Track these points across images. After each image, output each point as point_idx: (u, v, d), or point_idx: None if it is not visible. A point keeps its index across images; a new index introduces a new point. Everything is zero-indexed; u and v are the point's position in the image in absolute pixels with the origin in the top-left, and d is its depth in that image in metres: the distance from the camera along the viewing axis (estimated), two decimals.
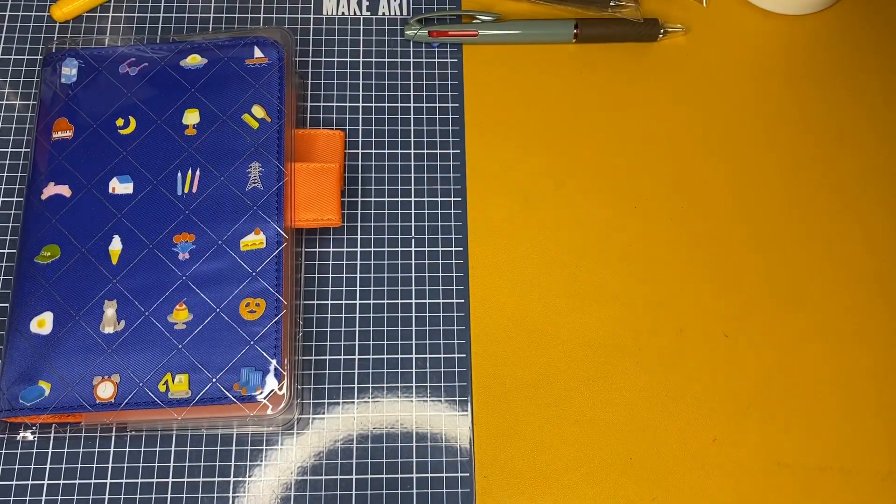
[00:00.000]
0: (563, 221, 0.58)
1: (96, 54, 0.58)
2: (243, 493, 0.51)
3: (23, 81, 0.60)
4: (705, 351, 0.55)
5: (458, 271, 0.56)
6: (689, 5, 0.64)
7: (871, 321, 0.56)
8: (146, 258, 0.52)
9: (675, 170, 0.59)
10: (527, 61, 0.62)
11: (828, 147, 0.61)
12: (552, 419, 0.53)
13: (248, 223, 0.53)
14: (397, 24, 0.63)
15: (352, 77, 0.61)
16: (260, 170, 0.54)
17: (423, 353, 0.54)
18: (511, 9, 0.63)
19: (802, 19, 0.64)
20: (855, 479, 0.52)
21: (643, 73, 0.62)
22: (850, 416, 0.54)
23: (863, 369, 0.55)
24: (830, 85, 0.62)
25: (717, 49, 0.63)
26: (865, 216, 0.59)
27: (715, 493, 0.52)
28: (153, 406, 0.50)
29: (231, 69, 0.57)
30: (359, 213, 0.57)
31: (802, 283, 0.57)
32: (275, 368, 0.50)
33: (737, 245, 0.58)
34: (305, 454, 0.52)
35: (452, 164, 0.59)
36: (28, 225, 0.53)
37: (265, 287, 0.52)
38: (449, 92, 0.61)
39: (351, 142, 0.59)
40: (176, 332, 0.51)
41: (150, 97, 0.56)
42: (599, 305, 0.56)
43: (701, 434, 0.53)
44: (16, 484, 0.50)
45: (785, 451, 0.53)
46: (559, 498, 0.51)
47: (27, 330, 0.51)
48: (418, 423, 0.53)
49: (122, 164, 0.54)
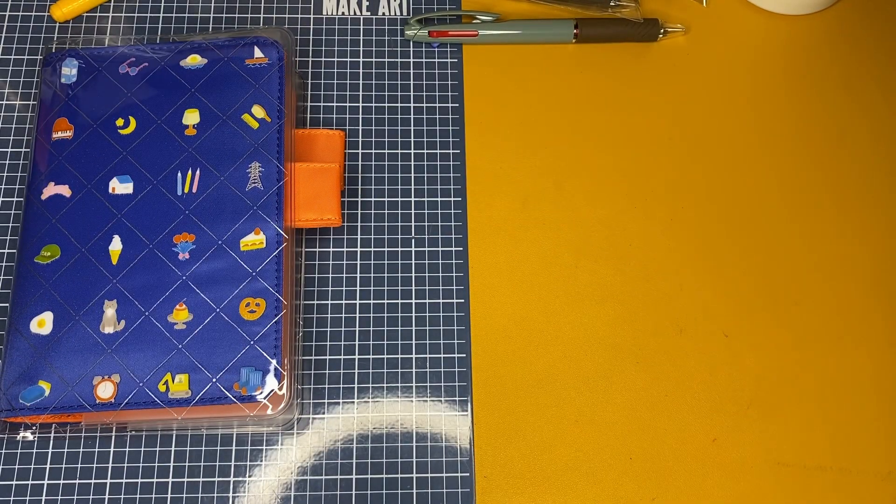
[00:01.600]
0: (563, 221, 0.58)
1: (96, 54, 0.58)
2: (243, 493, 0.51)
3: (23, 81, 0.60)
4: (705, 351, 0.55)
5: (458, 271, 0.56)
6: (689, 5, 0.64)
7: (870, 321, 0.56)
8: (146, 258, 0.52)
9: (675, 170, 0.59)
10: (527, 61, 0.62)
11: (827, 146, 0.61)
12: (552, 419, 0.53)
13: (248, 223, 0.53)
14: (397, 24, 0.63)
15: (352, 77, 0.61)
16: (260, 170, 0.54)
17: (423, 353, 0.54)
18: (511, 9, 0.63)
19: (802, 19, 0.64)
20: (855, 479, 0.52)
21: (643, 73, 0.62)
22: (850, 416, 0.54)
23: (862, 369, 0.55)
24: (830, 85, 0.62)
25: (717, 49, 0.63)
26: (865, 216, 0.59)
27: (715, 492, 0.52)
28: (153, 406, 0.50)
29: (231, 69, 0.57)
30: (359, 213, 0.57)
31: (802, 283, 0.57)
32: (275, 368, 0.50)
33: (737, 245, 0.58)
34: (305, 454, 0.52)
35: (452, 164, 0.59)
36: (28, 225, 0.53)
37: (265, 287, 0.52)
38: (449, 92, 0.61)
39: (351, 142, 0.59)
40: (176, 332, 0.51)
41: (150, 97, 0.56)
42: (599, 305, 0.56)
43: (701, 434, 0.53)
44: (16, 484, 0.50)
45: (785, 451, 0.53)
46: (559, 498, 0.51)
47: (27, 330, 0.51)
48: (418, 423, 0.53)
49: (122, 164, 0.54)
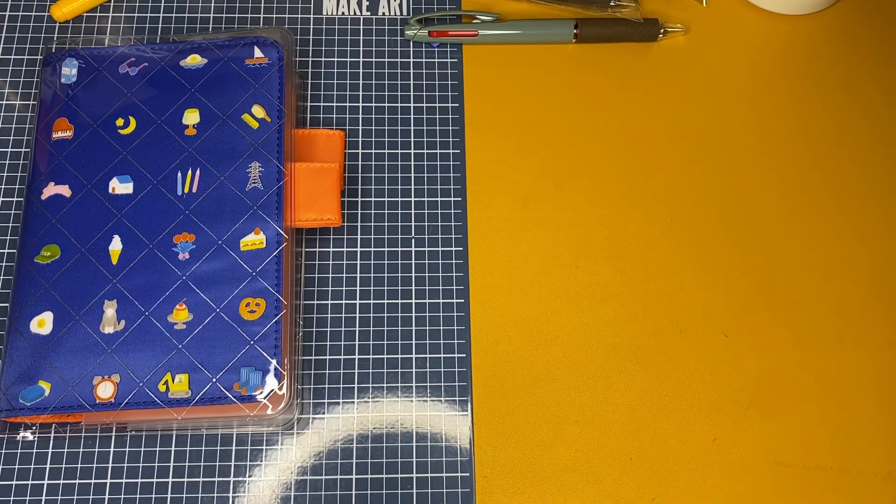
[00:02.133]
0: (563, 221, 0.58)
1: (96, 54, 0.58)
2: (243, 493, 0.51)
3: (23, 81, 0.60)
4: (705, 351, 0.55)
5: (458, 271, 0.56)
6: (689, 5, 0.64)
7: (870, 321, 0.56)
8: (146, 258, 0.52)
9: (674, 170, 0.59)
10: (527, 61, 0.62)
11: (827, 146, 0.61)
12: (552, 419, 0.53)
13: (248, 223, 0.53)
14: (397, 24, 0.63)
15: (352, 77, 0.61)
16: (260, 170, 0.54)
17: (423, 353, 0.54)
18: (511, 9, 0.63)
19: (802, 19, 0.64)
20: (855, 478, 0.52)
21: (643, 73, 0.62)
22: (850, 416, 0.54)
23: (862, 369, 0.55)
24: (830, 85, 0.62)
25: (717, 49, 0.63)
26: (865, 216, 0.59)
27: (715, 493, 0.52)
28: (153, 406, 0.50)
29: (231, 69, 0.57)
30: (359, 213, 0.57)
31: (802, 283, 0.57)
32: (275, 368, 0.50)
33: (737, 245, 0.58)
34: (305, 454, 0.52)
35: (452, 164, 0.59)
36: (28, 225, 0.53)
37: (265, 287, 0.52)
38: (449, 92, 0.61)
39: (351, 142, 0.59)
40: (176, 331, 0.51)
41: (150, 97, 0.56)
42: (599, 305, 0.56)
43: (701, 434, 0.53)
44: (16, 484, 0.50)
45: (785, 451, 0.53)
46: (559, 498, 0.51)
47: (27, 330, 0.51)
48: (418, 423, 0.53)
49: (122, 164, 0.54)
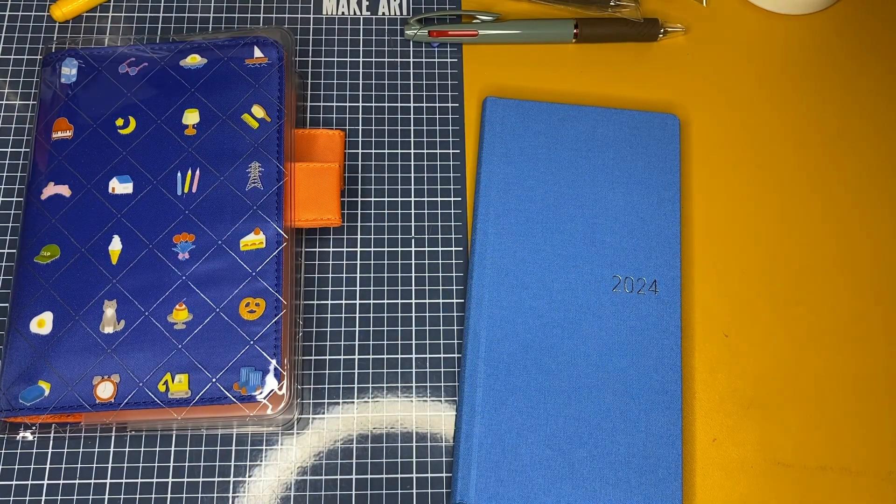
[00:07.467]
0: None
1: (96, 54, 0.58)
2: (243, 493, 0.51)
3: (23, 81, 0.60)
4: (705, 351, 0.55)
5: (458, 271, 0.56)
6: (689, 5, 0.64)
7: (870, 321, 0.56)
8: (146, 258, 0.52)
9: None
10: (527, 61, 0.62)
11: (827, 146, 0.60)
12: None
13: (247, 223, 0.53)
14: (397, 24, 0.63)
15: (352, 77, 0.61)
16: (260, 170, 0.54)
17: (423, 353, 0.54)
18: (511, 9, 0.63)
19: (802, 19, 0.64)
20: (855, 479, 0.52)
21: (643, 73, 0.62)
22: (851, 415, 0.54)
23: (862, 369, 0.55)
24: (830, 84, 0.62)
25: (717, 49, 0.63)
26: (865, 215, 0.59)
27: (715, 493, 0.52)
28: (153, 406, 0.50)
29: (231, 69, 0.57)
30: (359, 213, 0.57)
31: (802, 283, 0.57)
32: (275, 368, 0.50)
33: (737, 245, 0.58)
34: (305, 454, 0.52)
35: (452, 164, 0.59)
36: (28, 225, 0.53)
37: (265, 287, 0.52)
38: (449, 92, 0.61)
39: (351, 142, 0.59)
40: (176, 331, 0.51)
41: (150, 97, 0.56)
42: None
43: (701, 434, 0.53)
44: (16, 484, 0.50)
45: (785, 451, 0.53)
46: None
47: (27, 330, 0.51)
48: (418, 423, 0.53)
49: (121, 164, 0.54)
